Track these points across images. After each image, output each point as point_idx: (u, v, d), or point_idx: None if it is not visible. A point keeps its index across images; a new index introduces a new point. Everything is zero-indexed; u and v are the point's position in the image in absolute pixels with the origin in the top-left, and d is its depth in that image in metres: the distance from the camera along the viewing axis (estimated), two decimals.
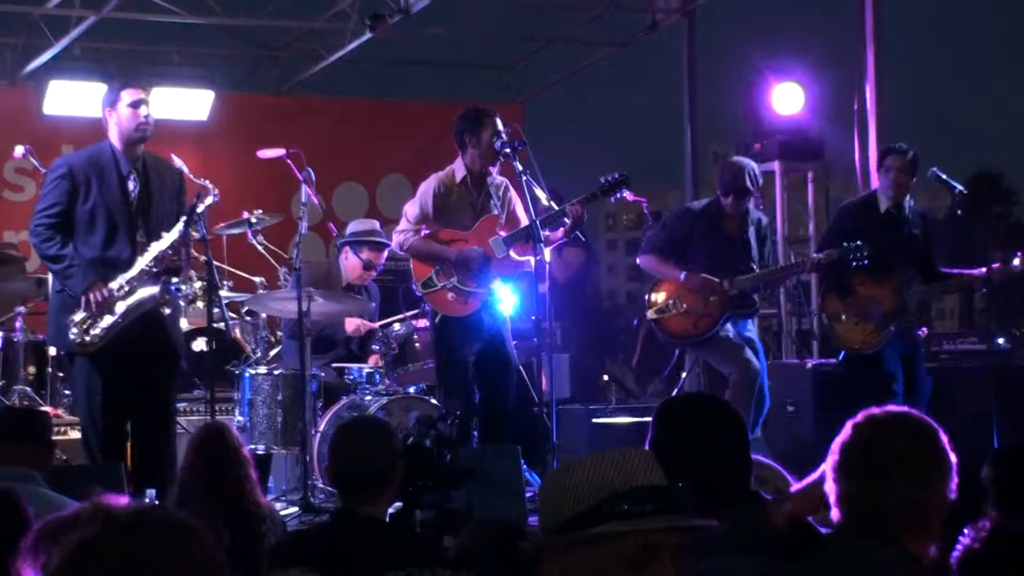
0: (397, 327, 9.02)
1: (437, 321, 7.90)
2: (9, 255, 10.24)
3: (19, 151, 8.98)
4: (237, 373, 8.46)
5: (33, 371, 9.54)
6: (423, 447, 5.22)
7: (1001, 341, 9.62)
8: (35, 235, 6.87)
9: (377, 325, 9.06)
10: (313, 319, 8.03)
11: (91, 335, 6.71)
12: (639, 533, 2.38)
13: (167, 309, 6.77)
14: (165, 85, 11.87)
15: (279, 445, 8.11)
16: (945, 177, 8.44)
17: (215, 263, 7.30)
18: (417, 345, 9.32)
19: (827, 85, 11.70)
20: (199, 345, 9.04)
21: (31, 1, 11.89)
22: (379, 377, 8.48)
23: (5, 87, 12.44)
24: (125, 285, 6.73)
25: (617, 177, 7.86)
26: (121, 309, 6.72)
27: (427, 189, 7.91)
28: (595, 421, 9.63)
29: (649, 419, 3.65)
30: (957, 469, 3.08)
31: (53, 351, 8.89)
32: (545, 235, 7.65)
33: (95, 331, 6.71)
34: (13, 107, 12.13)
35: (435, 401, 8.10)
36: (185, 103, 12.31)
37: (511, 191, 8.01)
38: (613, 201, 8.23)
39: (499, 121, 7.83)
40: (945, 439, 3.07)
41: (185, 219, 6.78)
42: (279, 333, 9.31)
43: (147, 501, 6.03)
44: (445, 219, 7.90)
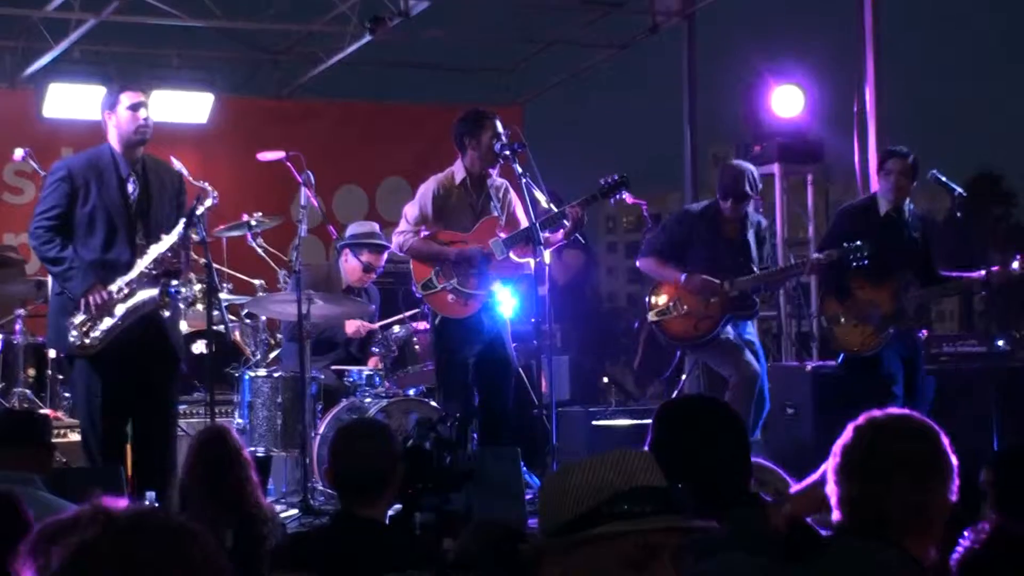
0: (397, 329, 9.02)
1: (437, 323, 7.90)
2: (9, 258, 10.23)
3: (19, 154, 8.99)
4: (237, 375, 8.46)
5: (33, 373, 9.54)
6: (423, 449, 5.22)
7: (1001, 343, 9.60)
8: (34, 238, 6.86)
9: (377, 326, 9.06)
10: (313, 321, 8.02)
11: (90, 337, 6.70)
12: (639, 533, 2.38)
13: (166, 312, 6.76)
14: (165, 88, 11.87)
15: (279, 447, 8.11)
16: (945, 179, 8.43)
17: (215, 266, 7.30)
18: (417, 347, 9.31)
19: (827, 88, 11.71)
20: (199, 347, 9.05)
21: (31, 4, 11.89)
22: (379, 379, 8.48)
23: (5, 90, 12.43)
24: (124, 288, 6.72)
25: (617, 179, 7.86)
26: (120, 311, 6.71)
27: (427, 191, 7.91)
28: (595, 423, 9.63)
29: (649, 421, 3.65)
30: (958, 471, 3.08)
31: (53, 353, 8.88)
32: (545, 237, 7.65)
33: (95, 334, 6.70)
34: (13, 110, 12.12)
35: (435, 403, 8.09)
36: (185, 106, 12.30)
37: (511, 193, 8.01)
38: (613, 203, 8.23)
39: (499, 123, 7.83)
40: (946, 441, 3.07)
41: (185, 221, 6.77)
42: (279, 335, 9.30)
43: (147, 504, 6.03)
44: (445, 221, 7.89)
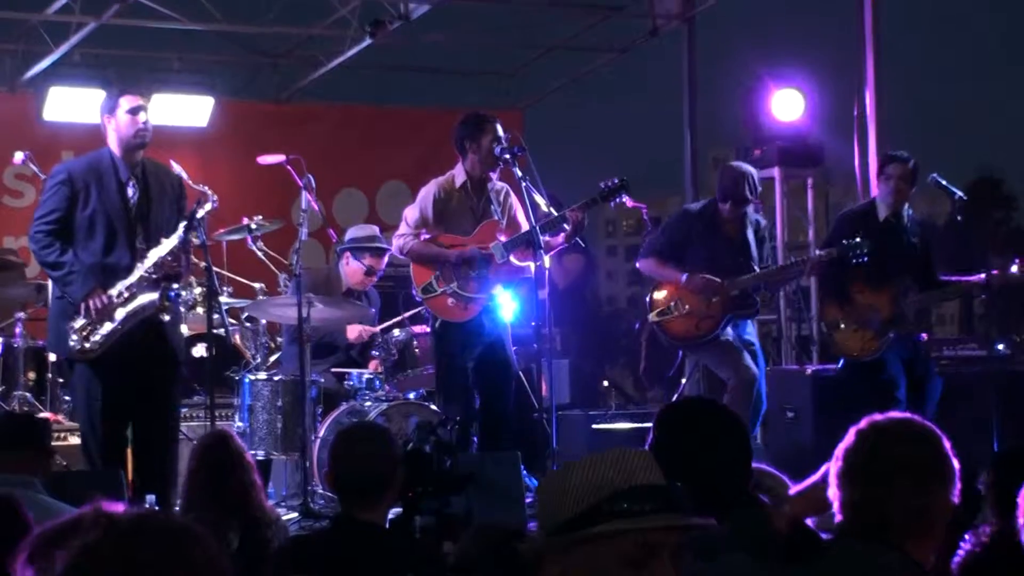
0: (397, 333, 9.01)
1: (437, 327, 7.90)
2: (9, 261, 10.23)
3: (19, 157, 8.98)
4: (237, 379, 8.46)
5: (33, 377, 9.53)
6: (423, 453, 5.22)
7: (1001, 347, 9.60)
8: (34, 242, 6.86)
9: (378, 329, 9.05)
10: (313, 325, 8.02)
11: (91, 342, 6.70)
12: (638, 532, 2.38)
13: (166, 316, 6.75)
14: (165, 91, 11.87)
15: (279, 451, 8.11)
16: (945, 183, 8.43)
17: (215, 269, 7.30)
18: (417, 351, 9.31)
19: (827, 91, 11.71)
20: (199, 351, 9.04)
21: (31, 7, 11.90)
22: (379, 383, 8.47)
23: (5, 93, 12.43)
24: (124, 292, 6.72)
25: (617, 182, 7.85)
26: (121, 316, 6.71)
27: (427, 194, 7.91)
28: (595, 427, 9.63)
29: (649, 424, 3.64)
30: (959, 475, 3.08)
31: (53, 357, 8.88)
32: (545, 241, 7.65)
33: (95, 338, 6.70)
34: (13, 113, 12.13)
35: (435, 407, 8.09)
36: (185, 109, 12.30)
37: (511, 196, 8.01)
38: (613, 207, 8.22)
39: (499, 127, 7.83)
40: (948, 445, 3.07)
41: (185, 225, 6.77)
42: (279, 339, 9.30)
43: (147, 507, 6.02)
44: (445, 224, 7.89)
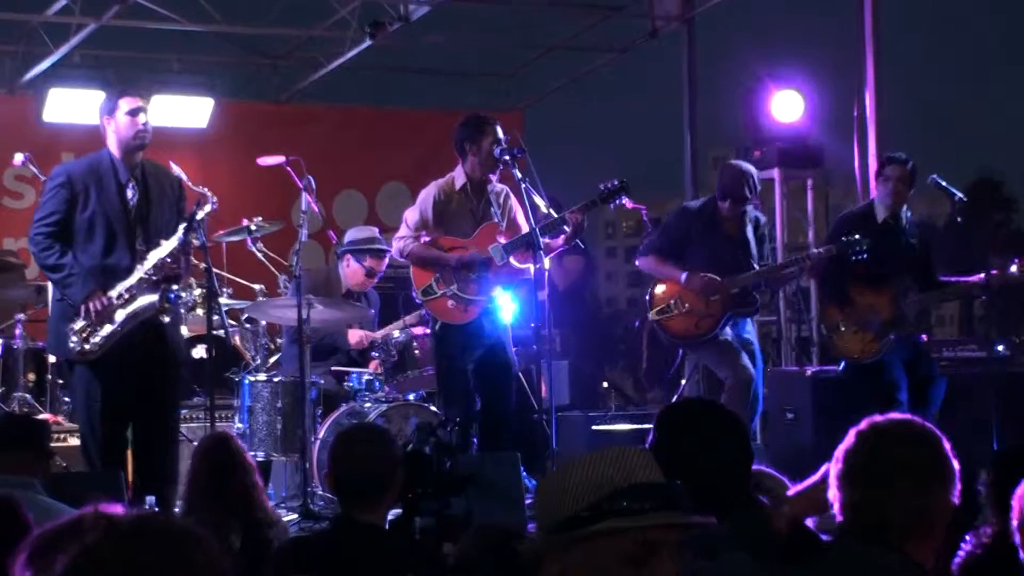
0: (397, 334, 9.01)
1: (437, 329, 7.89)
2: (9, 262, 10.24)
3: (19, 159, 8.97)
4: (237, 380, 8.46)
5: (33, 378, 9.54)
6: (423, 454, 5.21)
7: (1001, 348, 9.59)
8: (34, 244, 6.85)
9: (379, 335, 9.04)
10: (313, 326, 8.02)
11: (91, 343, 6.70)
12: (638, 530, 2.37)
13: (166, 317, 6.75)
14: (165, 93, 11.88)
15: (279, 452, 8.11)
16: (945, 184, 8.43)
17: (215, 270, 7.29)
18: (416, 352, 9.30)
19: (827, 93, 11.71)
20: (199, 352, 9.03)
21: (31, 9, 11.90)
22: (378, 384, 8.47)
23: (5, 95, 12.44)
24: (124, 293, 6.71)
25: (616, 184, 7.85)
26: (120, 317, 6.70)
27: (427, 196, 7.91)
28: (594, 428, 9.63)
29: (648, 426, 3.64)
30: (959, 476, 3.08)
31: (52, 358, 8.88)
32: (545, 243, 7.64)
33: (95, 339, 6.69)
34: (13, 115, 12.13)
35: (434, 408, 8.09)
36: (185, 111, 12.30)
37: (511, 198, 8.00)
38: (612, 208, 8.22)
39: (499, 129, 7.83)
40: (948, 446, 3.07)
41: (185, 226, 6.76)
42: (279, 340, 9.30)
43: (147, 508, 6.02)
44: (445, 226, 7.89)
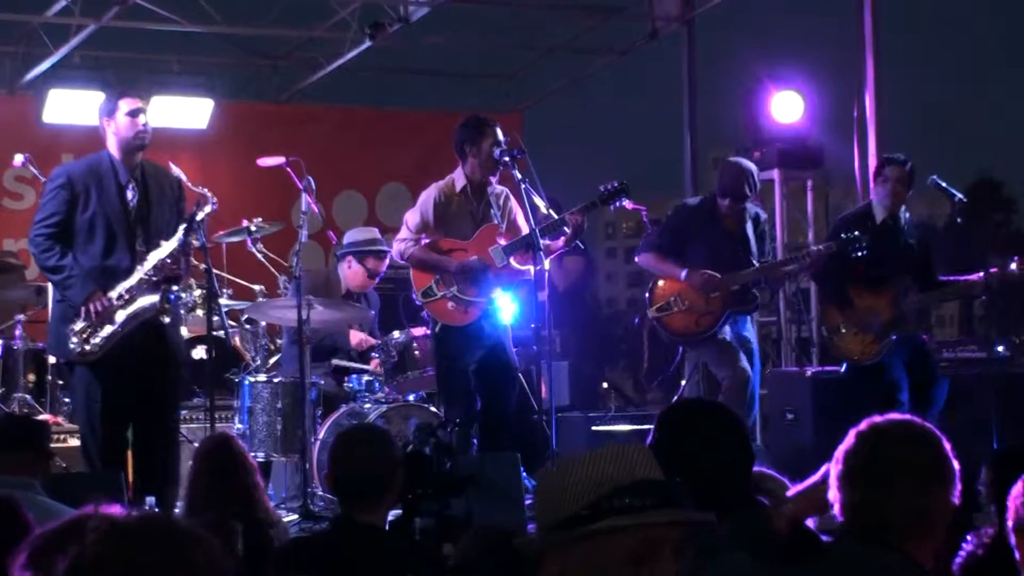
0: (396, 335, 9.01)
1: (437, 330, 7.89)
2: (9, 263, 10.24)
3: (19, 160, 8.97)
4: (237, 381, 8.46)
5: (33, 379, 9.54)
6: (422, 455, 5.21)
7: (1001, 349, 9.61)
8: (34, 245, 6.85)
9: (377, 342, 9.04)
10: (313, 327, 8.02)
11: (91, 344, 6.69)
12: (639, 527, 2.36)
13: (166, 318, 6.76)
14: (165, 93, 11.89)
15: (279, 453, 8.11)
16: (945, 185, 8.43)
17: (215, 271, 7.29)
18: (416, 353, 9.30)
19: (827, 93, 11.71)
20: (199, 353, 9.03)
21: (31, 10, 11.91)
22: (378, 385, 8.47)
23: (5, 96, 12.45)
24: (124, 294, 6.71)
25: (616, 185, 7.85)
26: (121, 318, 6.70)
27: (427, 198, 7.90)
28: (594, 429, 9.63)
29: (648, 427, 3.63)
30: (959, 476, 3.08)
31: (52, 359, 8.88)
32: (546, 244, 7.64)
33: (95, 340, 6.69)
34: (13, 116, 12.14)
35: (434, 409, 8.09)
36: (185, 111, 12.30)
37: (511, 200, 7.99)
38: (612, 209, 8.21)
39: (499, 131, 7.83)
40: (948, 446, 3.07)
41: (185, 227, 6.76)
42: (279, 341, 9.30)
43: (147, 509, 6.02)
44: (445, 228, 7.88)
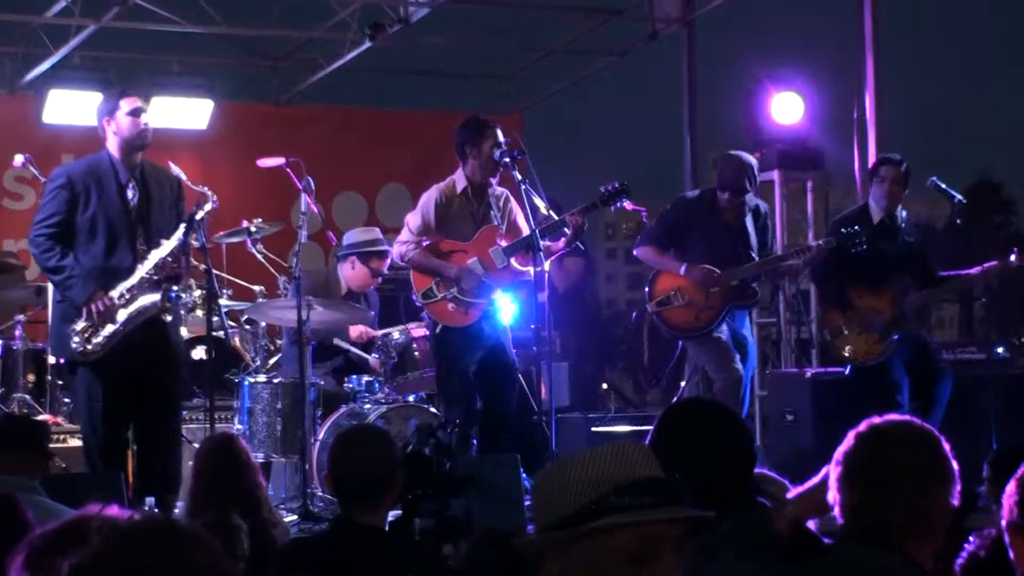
0: (396, 336, 9.01)
1: (438, 331, 7.89)
2: (9, 263, 10.24)
3: (19, 160, 8.97)
4: (236, 381, 8.46)
5: (32, 379, 9.54)
6: (422, 455, 5.21)
7: (1001, 350, 9.62)
8: (35, 246, 6.85)
9: (379, 334, 9.05)
10: (312, 327, 8.03)
11: (93, 343, 6.69)
12: (639, 525, 2.36)
13: (168, 316, 6.76)
14: (165, 94, 11.88)
15: (278, 453, 8.11)
16: (944, 187, 8.43)
17: (214, 272, 7.29)
18: (416, 354, 9.30)
19: (827, 95, 11.70)
20: (198, 353, 9.03)
21: (31, 10, 11.91)
22: (378, 385, 8.47)
23: (5, 96, 12.45)
24: (126, 293, 6.72)
25: (617, 186, 7.85)
26: (123, 317, 6.70)
27: (428, 200, 7.90)
28: (594, 430, 9.63)
29: (648, 427, 3.63)
30: (959, 477, 3.08)
31: (52, 359, 8.88)
32: (546, 245, 7.64)
33: (97, 339, 6.69)
34: (13, 116, 12.14)
35: (434, 409, 8.09)
36: (185, 112, 12.30)
37: (511, 201, 7.99)
38: (613, 210, 8.21)
39: (499, 132, 7.83)
40: (947, 447, 3.08)
41: (185, 226, 6.77)
42: (278, 341, 9.30)
43: (146, 509, 6.03)
44: (446, 229, 7.88)
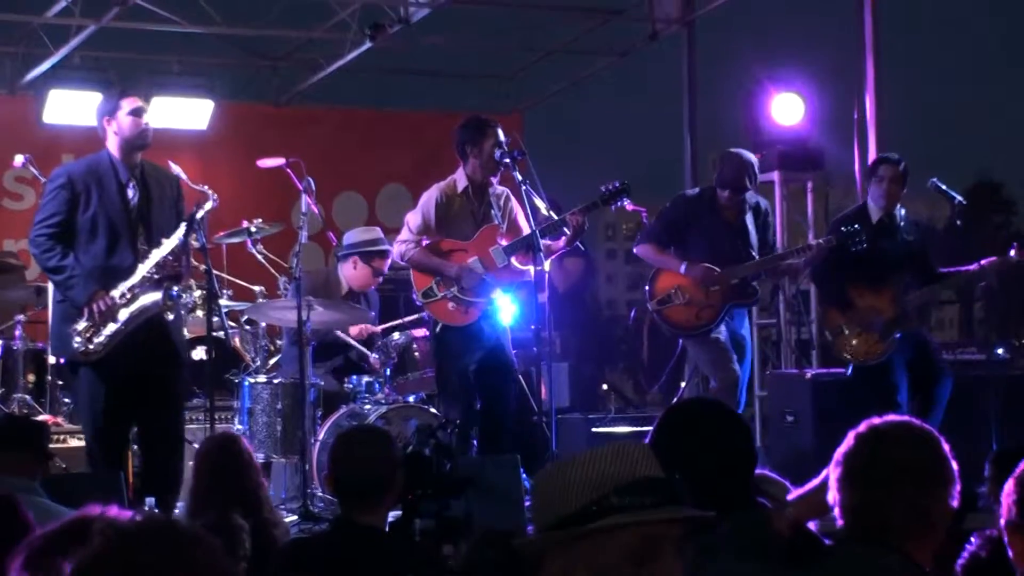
0: (396, 336, 9.02)
1: (438, 331, 7.89)
2: (9, 263, 10.24)
3: (19, 160, 8.97)
4: (236, 382, 8.46)
5: (33, 379, 9.54)
6: (422, 456, 5.22)
7: (1001, 351, 9.62)
8: (35, 246, 6.84)
9: (379, 329, 9.06)
10: (313, 327, 8.03)
11: (94, 343, 6.69)
12: (640, 525, 2.36)
13: (170, 315, 6.77)
14: (165, 94, 11.87)
15: (278, 454, 8.11)
16: (945, 187, 8.44)
17: (215, 272, 7.29)
18: (416, 354, 9.31)
19: (827, 95, 11.70)
20: (198, 354, 9.03)
21: (31, 10, 11.91)
22: (378, 386, 8.48)
23: (5, 96, 12.45)
24: (127, 292, 6.72)
25: (618, 186, 7.85)
26: (124, 316, 6.70)
27: (429, 199, 7.90)
28: (594, 430, 9.63)
29: (648, 428, 3.62)
30: (959, 477, 3.08)
31: (52, 359, 8.88)
32: (547, 245, 7.65)
33: (98, 339, 6.69)
34: (13, 116, 12.14)
35: (434, 410, 8.10)
36: (185, 112, 12.30)
37: (512, 201, 8.00)
38: (613, 210, 8.21)
39: (500, 131, 7.83)
40: (947, 447, 3.08)
41: (185, 225, 6.77)
42: (279, 342, 9.30)
43: (146, 509, 6.02)
44: (447, 229, 7.89)
